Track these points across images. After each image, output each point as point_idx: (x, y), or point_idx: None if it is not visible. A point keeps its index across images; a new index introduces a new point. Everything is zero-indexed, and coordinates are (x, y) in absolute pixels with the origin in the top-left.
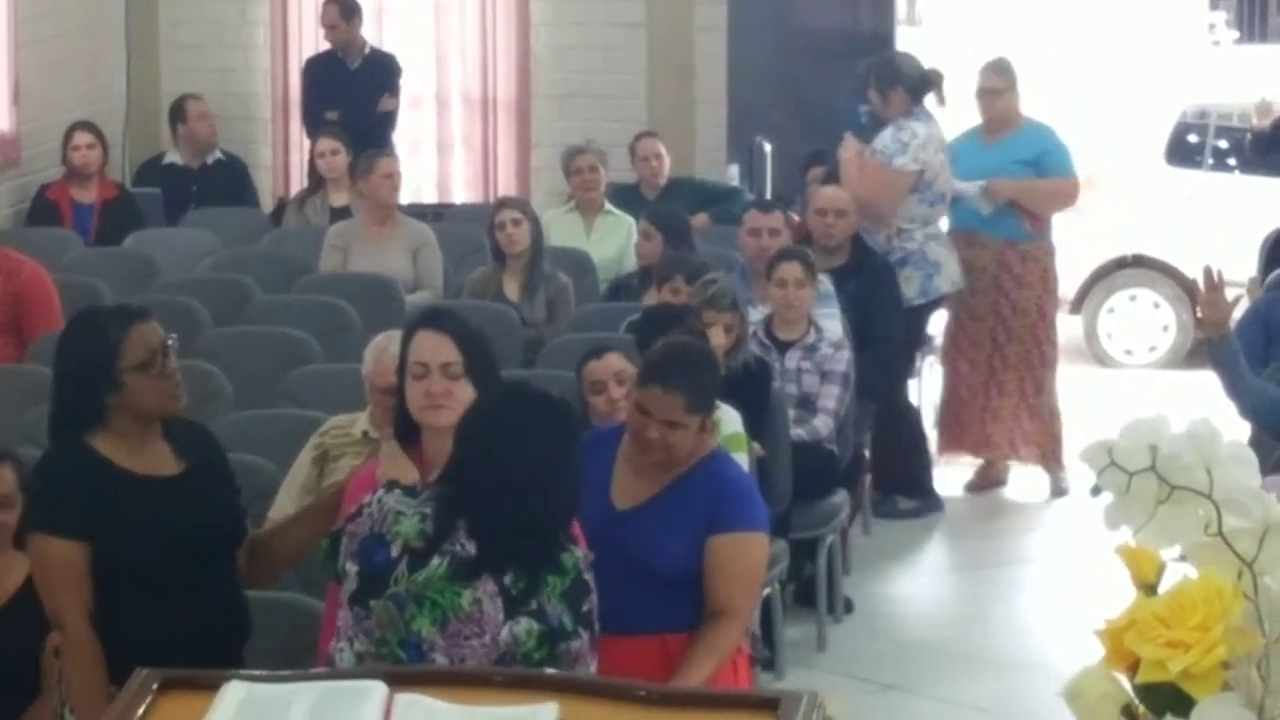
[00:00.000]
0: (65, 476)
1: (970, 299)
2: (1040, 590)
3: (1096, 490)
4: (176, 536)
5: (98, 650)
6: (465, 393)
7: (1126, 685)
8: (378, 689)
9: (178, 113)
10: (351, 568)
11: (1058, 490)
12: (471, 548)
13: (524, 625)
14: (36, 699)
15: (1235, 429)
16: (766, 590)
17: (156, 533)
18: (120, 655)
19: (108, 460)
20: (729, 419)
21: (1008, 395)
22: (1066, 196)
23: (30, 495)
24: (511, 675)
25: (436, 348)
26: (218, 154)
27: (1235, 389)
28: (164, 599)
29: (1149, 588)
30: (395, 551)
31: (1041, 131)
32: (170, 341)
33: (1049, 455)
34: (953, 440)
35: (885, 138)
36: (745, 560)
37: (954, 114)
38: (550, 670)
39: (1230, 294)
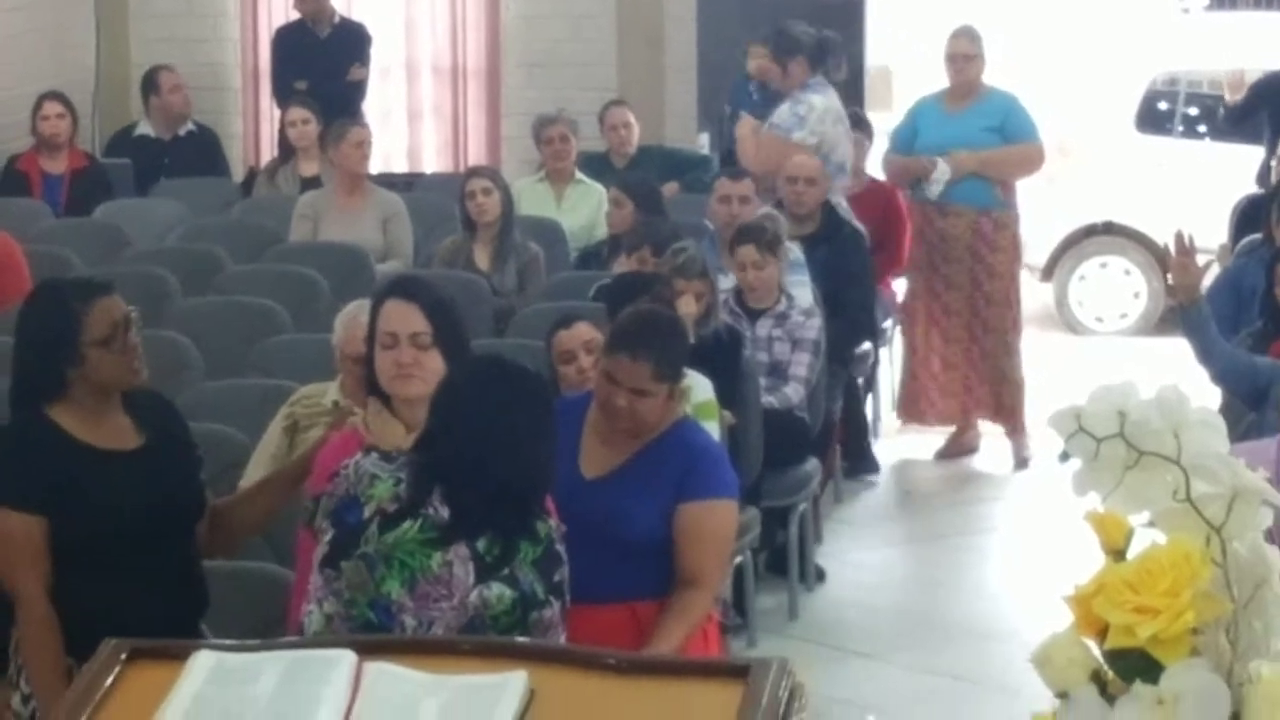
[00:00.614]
0: (24, 450)
1: (945, 268)
2: (1010, 557)
3: (1065, 456)
4: (136, 510)
5: (55, 624)
6: (434, 363)
7: (1095, 651)
8: (347, 658)
9: (150, 84)
10: (326, 530)
11: (1020, 457)
12: (445, 512)
13: (496, 590)
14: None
15: (1206, 395)
16: (739, 558)
17: (115, 507)
18: (76, 628)
19: (67, 433)
20: (700, 387)
21: (987, 358)
22: (1032, 162)
23: None
24: (480, 643)
25: (405, 317)
26: (190, 125)
27: (1206, 354)
28: (122, 572)
29: (1117, 554)
30: (367, 513)
31: (1006, 98)
32: (132, 314)
33: (1015, 421)
34: (927, 411)
35: (783, 112)
36: (714, 527)
37: (923, 83)
38: (520, 638)
39: (1201, 261)
